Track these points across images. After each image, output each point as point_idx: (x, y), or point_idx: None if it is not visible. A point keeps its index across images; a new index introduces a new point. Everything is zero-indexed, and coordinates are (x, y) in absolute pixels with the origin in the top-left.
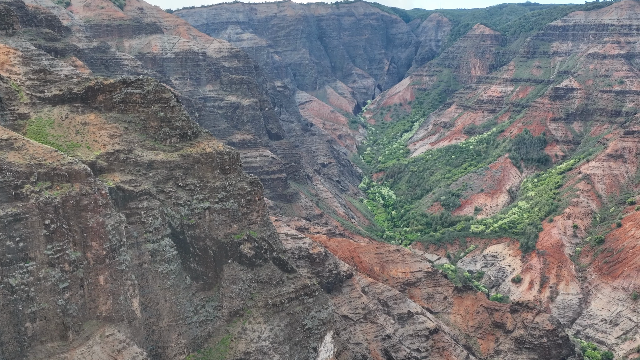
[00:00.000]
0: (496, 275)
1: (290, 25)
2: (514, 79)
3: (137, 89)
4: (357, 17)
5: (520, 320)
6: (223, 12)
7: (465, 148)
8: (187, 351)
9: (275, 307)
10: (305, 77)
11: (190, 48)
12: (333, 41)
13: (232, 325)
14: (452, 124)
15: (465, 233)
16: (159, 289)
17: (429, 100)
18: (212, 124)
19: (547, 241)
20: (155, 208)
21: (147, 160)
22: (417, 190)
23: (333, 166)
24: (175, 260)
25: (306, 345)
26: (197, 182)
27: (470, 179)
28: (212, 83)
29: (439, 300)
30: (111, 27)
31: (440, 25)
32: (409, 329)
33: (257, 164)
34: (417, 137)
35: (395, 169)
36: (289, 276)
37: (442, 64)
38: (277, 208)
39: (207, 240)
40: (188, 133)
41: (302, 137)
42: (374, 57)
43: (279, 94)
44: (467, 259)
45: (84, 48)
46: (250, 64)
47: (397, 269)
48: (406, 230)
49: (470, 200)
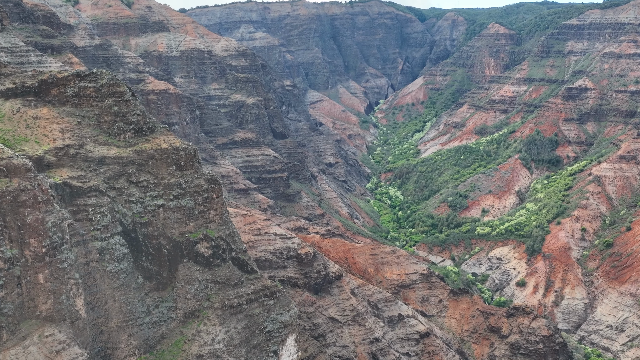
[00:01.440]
0: (500, 279)
1: (304, 24)
2: (527, 79)
3: (90, 83)
4: (371, 16)
5: (516, 325)
6: (236, 11)
7: (475, 148)
8: (138, 353)
9: (232, 308)
10: (318, 76)
11: (195, 46)
12: (346, 40)
13: (187, 326)
14: (464, 124)
15: (470, 235)
16: (108, 289)
17: (442, 100)
18: (214, 123)
19: (554, 244)
20: (104, 205)
21: (99, 156)
22: (424, 191)
23: (340, 166)
24: (126, 259)
25: (266, 349)
26: (150, 179)
27: (478, 180)
28: (217, 81)
29: (433, 303)
30: (118, 26)
31: (456, 24)
32: (399, 333)
33: (258, 162)
34: (427, 137)
35: (403, 169)
36: (249, 277)
37: (456, 63)
38: (277, 207)
39: (161, 238)
40: (143, 128)
41: (310, 137)
42: (387, 57)
43: (287, 93)
44: (471, 262)
45: (86, 46)
46: (257, 62)
47: (392, 270)
48: (411, 231)
49: (477, 201)
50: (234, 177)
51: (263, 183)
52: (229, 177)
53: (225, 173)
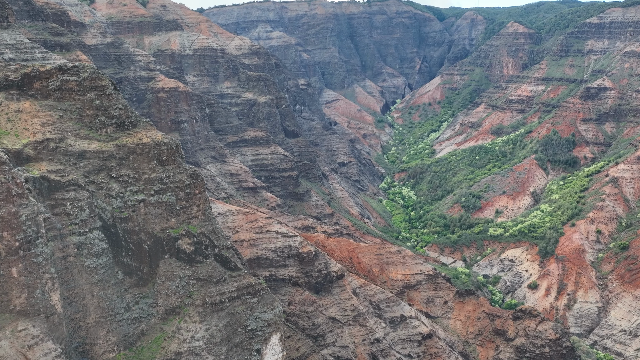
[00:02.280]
0: (512, 281)
1: (320, 23)
2: (546, 78)
3: (73, 76)
4: (389, 15)
5: (522, 328)
6: (254, 10)
7: (491, 149)
8: (117, 349)
9: (213, 305)
10: (334, 75)
11: (208, 45)
12: (364, 40)
13: (168, 323)
14: (480, 124)
15: (482, 236)
16: (86, 284)
17: (459, 99)
18: (224, 121)
19: (568, 246)
20: (83, 199)
21: (79, 150)
22: (438, 191)
23: (353, 165)
24: (105, 254)
25: (248, 347)
26: (131, 174)
27: (492, 180)
28: (230, 80)
29: (439, 304)
30: (132, 24)
31: (475, 23)
32: (401, 334)
33: (268, 161)
34: (443, 137)
35: (417, 169)
36: (232, 274)
37: (474, 62)
38: (285, 206)
39: (142, 234)
40: (125, 122)
41: (323, 136)
42: (405, 56)
43: (302, 92)
44: (483, 263)
45: (98, 44)
46: (270, 61)
47: (397, 270)
48: (423, 232)
49: (491, 202)
50: (243, 176)
51: (272, 182)
52: (237, 175)
53: (234, 171)
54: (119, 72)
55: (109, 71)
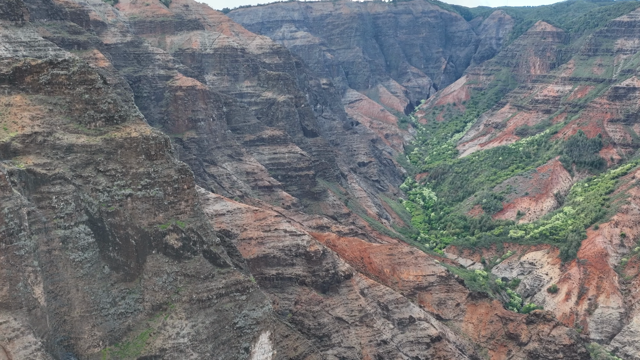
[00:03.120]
0: (532, 284)
1: (345, 23)
2: (573, 78)
3: (63, 70)
4: (414, 15)
5: (536, 333)
6: (278, 10)
7: (515, 149)
8: (103, 344)
9: (200, 302)
10: (358, 75)
11: (229, 44)
12: (389, 39)
13: (154, 319)
14: (504, 125)
15: (502, 238)
16: (71, 278)
17: (485, 100)
18: (242, 120)
19: (590, 250)
20: (69, 193)
21: (67, 144)
22: (459, 192)
23: (373, 165)
24: (91, 249)
25: (236, 345)
26: (119, 168)
27: (515, 181)
28: (249, 79)
29: (450, 306)
30: (154, 24)
31: (502, 22)
32: (409, 335)
33: (285, 160)
34: (467, 138)
35: (439, 169)
36: (221, 271)
37: (500, 62)
38: (301, 205)
39: (129, 229)
40: (115, 116)
41: (343, 135)
42: (431, 56)
43: (323, 92)
44: (502, 266)
45: (118, 43)
46: (291, 60)
47: (409, 271)
48: (442, 233)
49: (513, 204)
50: (259, 174)
51: (289, 181)
52: (253, 173)
53: (250, 170)
54: (137, 71)
55: (128, 70)
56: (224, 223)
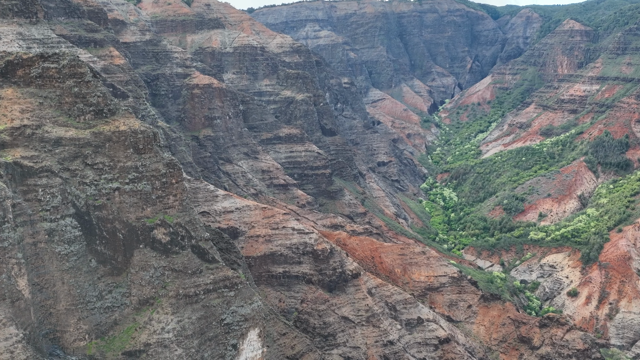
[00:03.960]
0: (551, 287)
1: (369, 22)
2: (601, 77)
3: (53, 64)
4: (440, 13)
5: (549, 337)
6: (302, 10)
7: (538, 150)
8: (89, 337)
9: (187, 297)
10: (381, 75)
11: (248, 43)
12: (413, 38)
13: (141, 314)
14: (529, 125)
15: (523, 240)
16: (56, 270)
17: (510, 99)
18: (259, 118)
19: (613, 253)
20: (55, 186)
21: (55, 137)
22: (480, 192)
23: (393, 165)
24: (77, 242)
25: (224, 342)
26: (106, 161)
27: (538, 182)
28: (269, 78)
29: (462, 308)
30: (175, 23)
31: (530, 21)
32: (417, 337)
33: (301, 158)
34: (490, 138)
35: (460, 170)
36: (209, 266)
37: (527, 61)
38: (316, 204)
39: (116, 222)
40: (104, 110)
41: (364, 135)
42: (456, 55)
43: (344, 91)
44: (522, 268)
45: (137, 41)
46: (311, 59)
47: (420, 272)
48: (461, 234)
49: (534, 205)
50: (274, 172)
51: (305, 179)
52: (269, 172)
53: (265, 168)
54: (156, 69)
55: (147, 68)
56: (232, 220)
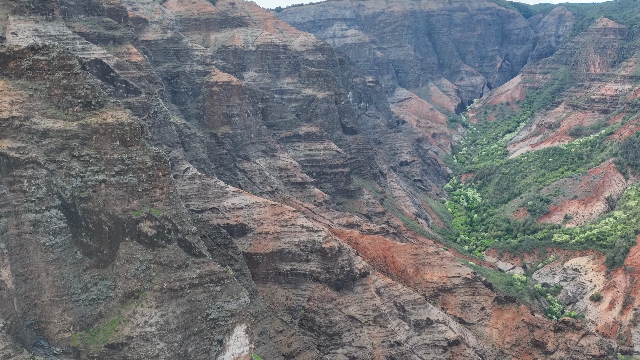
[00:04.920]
0: (574, 291)
1: (397, 21)
2: (634, 76)
3: (43, 56)
4: (470, 12)
5: (564, 341)
6: (330, 9)
7: (566, 150)
8: (74, 329)
9: (172, 291)
10: (409, 74)
11: (271, 41)
12: (442, 37)
13: (126, 307)
14: (558, 125)
15: (546, 242)
16: (41, 262)
17: (540, 99)
18: (278, 116)
19: (639, 257)
20: (41, 177)
21: (42, 129)
22: (504, 193)
23: (416, 165)
24: (63, 233)
25: (209, 337)
26: (93, 153)
27: (564, 184)
28: (290, 76)
29: (475, 310)
30: (199, 21)
31: (563, 19)
32: (425, 338)
33: (320, 157)
34: (518, 138)
35: (485, 170)
36: (196, 260)
37: (558, 60)
38: (333, 202)
39: (102, 215)
40: (92, 102)
41: (387, 134)
42: (486, 54)
43: (369, 90)
44: (544, 271)
45: (158, 39)
46: (334, 57)
47: (433, 272)
48: (483, 235)
49: (560, 207)
50: (292, 170)
51: (324, 178)
52: (286, 170)
53: (283, 166)
54: (176, 67)
55: (168, 65)
56: (241, 217)
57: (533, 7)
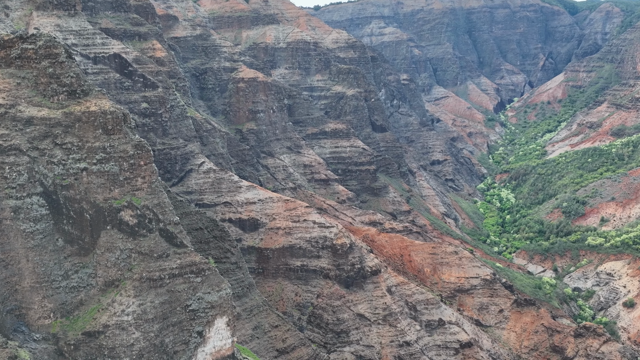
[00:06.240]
0: (607, 297)
1: (436, 18)
2: None
3: (30, 45)
4: (512, 9)
5: (584, 347)
6: (368, 7)
7: (607, 151)
8: (54, 316)
9: (151, 281)
10: (447, 72)
11: (302, 38)
12: (483, 35)
13: (106, 295)
14: (599, 124)
15: (579, 245)
16: (21, 248)
17: (583, 98)
18: (305, 112)
19: None
20: (22, 164)
21: (27, 116)
22: (539, 194)
23: (448, 164)
24: (44, 220)
25: (188, 328)
26: (75, 141)
27: (602, 185)
28: (321, 73)
29: (493, 312)
30: (232, 19)
31: (610, 16)
32: (437, 339)
33: (346, 154)
34: (557, 138)
35: (520, 170)
36: (177, 251)
37: (603, 58)
38: (357, 200)
39: (84, 203)
40: (77, 90)
41: (419, 132)
42: (528, 52)
43: (402, 88)
44: (576, 275)
45: (187, 36)
46: (366, 54)
47: (451, 272)
48: (515, 237)
49: (597, 209)
50: (316, 167)
51: (349, 175)
52: (311, 166)
53: (307, 162)
54: (204, 63)
55: (196, 62)
56: (254, 211)
57: (580, 3)
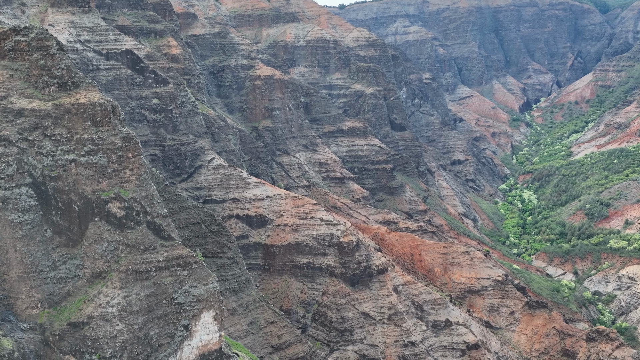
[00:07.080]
0: (628, 301)
1: (462, 17)
2: None
3: (23, 37)
4: (540, 7)
5: (596, 352)
6: (393, 5)
7: (634, 152)
8: (42, 306)
9: (137, 273)
10: (472, 71)
11: (321, 36)
12: (510, 34)
13: (93, 287)
14: (627, 125)
15: (601, 248)
16: (9, 238)
17: (612, 98)
18: (322, 110)
19: None
20: (11, 155)
21: (18, 108)
22: (562, 196)
23: (469, 164)
24: (32, 211)
25: (174, 322)
26: (64, 133)
27: (627, 187)
28: (340, 71)
29: (503, 314)
30: (252, 17)
31: None
32: (443, 340)
33: (363, 152)
34: (584, 139)
35: (544, 171)
36: (164, 243)
37: (634, 57)
38: (372, 199)
39: (72, 194)
40: (68, 82)
41: (440, 132)
42: (556, 51)
43: (424, 86)
44: (597, 278)
45: (205, 33)
46: (387, 53)
47: (462, 273)
48: (535, 238)
49: (621, 211)
50: (332, 165)
51: (365, 173)
52: (326, 164)
53: (323, 161)
54: (222, 61)
55: (214, 59)
56: (261, 208)
57: (611, 1)
